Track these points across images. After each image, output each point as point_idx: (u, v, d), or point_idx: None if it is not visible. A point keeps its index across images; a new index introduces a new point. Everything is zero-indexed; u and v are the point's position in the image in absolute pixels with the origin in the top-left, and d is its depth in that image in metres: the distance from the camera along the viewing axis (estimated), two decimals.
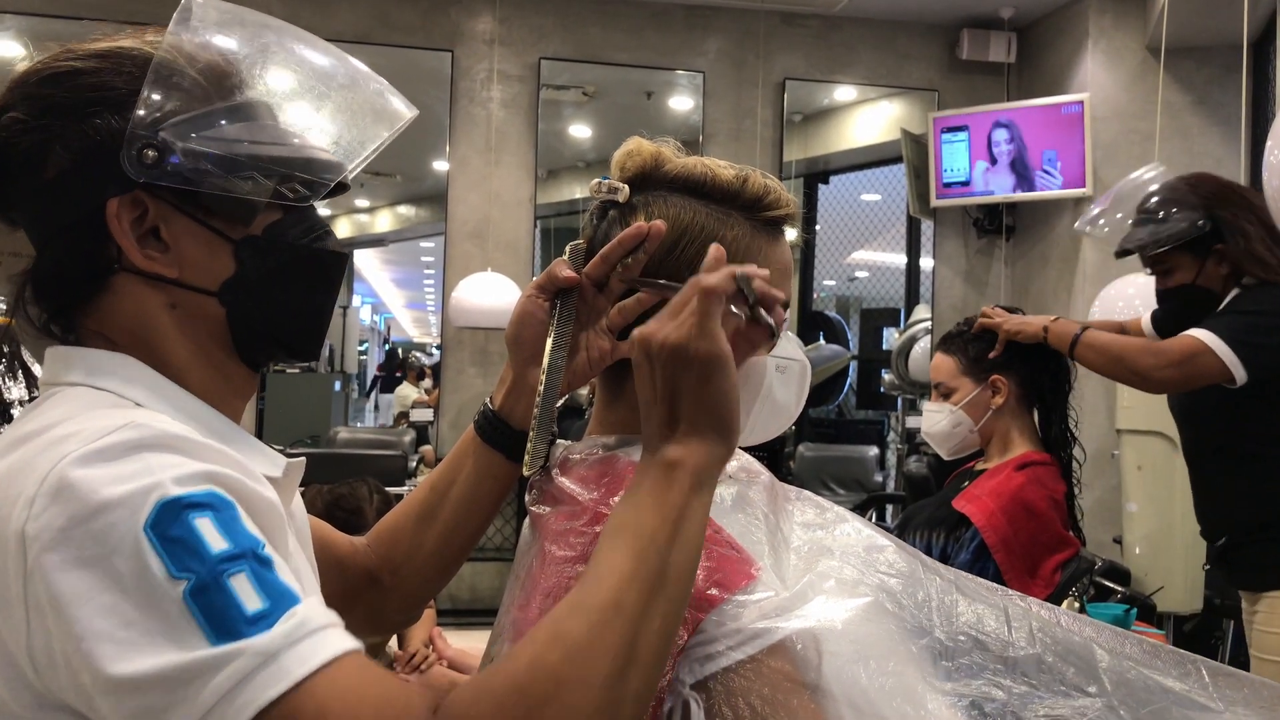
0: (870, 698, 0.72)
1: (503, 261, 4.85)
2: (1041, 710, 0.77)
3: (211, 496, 0.61)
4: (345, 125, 0.80)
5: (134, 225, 0.72)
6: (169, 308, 0.74)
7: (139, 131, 0.70)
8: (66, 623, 0.57)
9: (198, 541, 0.59)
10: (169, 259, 0.73)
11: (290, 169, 0.74)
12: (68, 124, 0.71)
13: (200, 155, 0.71)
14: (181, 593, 0.57)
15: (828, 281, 6.71)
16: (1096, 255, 4.61)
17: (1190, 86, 4.57)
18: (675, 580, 0.66)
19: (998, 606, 0.83)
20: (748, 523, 0.81)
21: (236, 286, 0.75)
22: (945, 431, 2.07)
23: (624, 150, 0.91)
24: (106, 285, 0.74)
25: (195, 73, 0.72)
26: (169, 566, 0.57)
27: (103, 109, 0.71)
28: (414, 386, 6.53)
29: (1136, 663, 0.81)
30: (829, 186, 6.09)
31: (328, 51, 0.82)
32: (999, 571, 1.81)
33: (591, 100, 5.30)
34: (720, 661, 0.70)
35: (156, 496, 0.59)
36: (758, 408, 0.89)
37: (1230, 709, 0.80)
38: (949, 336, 2.13)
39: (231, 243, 0.75)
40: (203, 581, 0.58)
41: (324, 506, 2.05)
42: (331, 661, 0.58)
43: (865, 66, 5.25)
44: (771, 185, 0.90)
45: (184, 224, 0.73)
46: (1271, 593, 2.01)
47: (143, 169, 0.70)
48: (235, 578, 0.59)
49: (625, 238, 0.85)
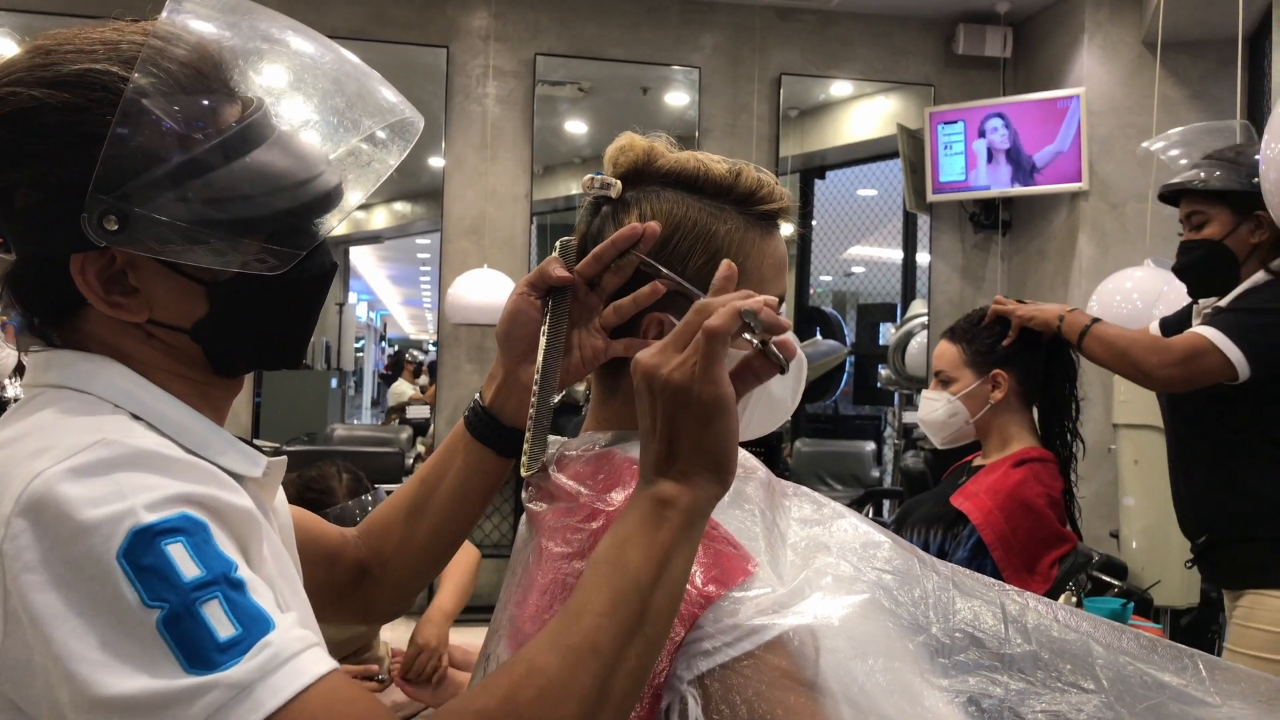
0: (868, 694, 0.72)
1: (499, 258, 4.84)
2: (1039, 706, 0.76)
3: (184, 520, 0.61)
4: (352, 160, 0.77)
5: (100, 271, 0.70)
6: (145, 337, 0.73)
7: (100, 196, 0.65)
8: (45, 641, 0.58)
9: (170, 569, 0.59)
10: (138, 302, 0.71)
11: (271, 227, 0.70)
12: (31, 169, 0.67)
13: (164, 225, 0.66)
14: (155, 621, 0.58)
15: (824, 277, 6.71)
16: (1093, 250, 4.62)
17: (1186, 81, 4.57)
18: (654, 621, 0.66)
19: (994, 603, 0.83)
20: (744, 519, 0.81)
21: (210, 324, 0.73)
22: (941, 420, 2.07)
23: (616, 146, 0.90)
24: (80, 312, 0.73)
25: (166, 113, 0.66)
26: (142, 595, 0.58)
27: (69, 153, 0.66)
28: (410, 383, 6.53)
29: (1133, 657, 0.81)
30: (825, 182, 6.09)
31: (323, 52, 0.78)
32: (997, 569, 1.81)
33: (587, 96, 5.29)
34: (717, 658, 0.70)
35: (129, 525, 0.59)
36: (754, 403, 0.89)
37: (1228, 703, 0.80)
38: (957, 326, 2.13)
39: (204, 285, 0.72)
40: (175, 611, 0.58)
41: (296, 492, 2.06)
42: (306, 689, 0.59)
43: (861, 61, 5.25)
44: (765, 180, 0.89)
45: (154, 269, 0.70)
46: (1252, 591, 2.01)
47: (105, 235, 0.66)
48: (208, 605, 0.59)
49: (619, 238, 0.85)
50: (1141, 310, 3.05)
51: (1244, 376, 1.94)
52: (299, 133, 0.74)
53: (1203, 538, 2.12)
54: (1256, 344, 1.94)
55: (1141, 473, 3.56)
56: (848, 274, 6.92)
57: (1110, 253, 4.59)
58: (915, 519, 2.01)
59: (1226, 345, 1.94)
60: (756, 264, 0.88)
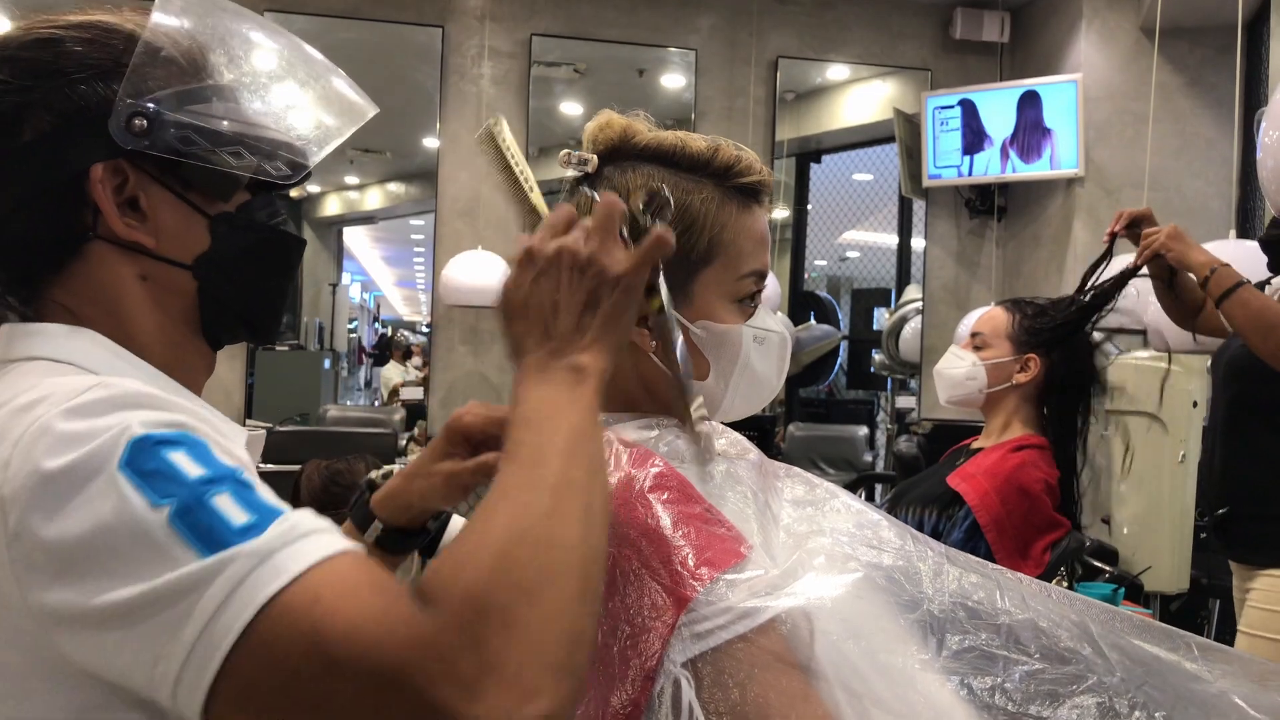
0: (861, 675, 0.72)
1: (494, 239, 4.82)
2: (1033, 683, 0.77)
3: (183, 435, 0.61)
4: (320, 113, 0.82)
5: (115, 193, 0.72)
6: (140, 279, 0.74)
7: (128, 99, 0.71)
8: (59, 570, 0.57)
9: (174, 469, 0.59)
10: (147, 229, 0.74)
11: (274, 148, 0.77)
12: (53, 87, 0.71)
13: (189, 127, 0.72)
14: (166, 518, 0.57)
15: (819, 261, 6.71)
16: (1088, 236, 4.62)
17: (1184, 68, 4.56)
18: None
19: (989, 579, 0.83)
20: (737, 500, 0.81)
21: (210, 261, 0.76)
22: (957, 379, 2.05)
23: (596, 123, 0.90)
24: (79, 253, 0.73)
25: (180, 53, 0.74)
26: (149, 496, 0.57)
27: (90, 76, 0.71)
28: (400, 366, 6.50)
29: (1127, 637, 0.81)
30: (821, 166, 6.08)
31: (294, 45, 0.84)
32: (990, 551, 1.81)
33: (583, 77, 5.26)
34: (710, 640, 0.70)
35: (127, 438, 0.59)
36: (736, 378, 0.89)
37: (1220, 680, 0.80)
38: (1021, 299, 2.09)
39: (208, 218, 0.76)
40: (185, 503, 0.57)
41: (321, 482, 2.05)
42: (328, 558, 0.57)
43: (858, 45, 5.23)
44: (744, 155, 0.90)
45: (163, 195, 0.74)
46: (1271, 570, 1.99)
47: (131, 137, 0.70)
48: (218, 497, 0.58)
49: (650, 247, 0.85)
50: (1136, 298, 3.05)
51: None
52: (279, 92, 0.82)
53: (1224, 509, 2.10)
54: None
55: (1134, 459, 3.57)
56: (842, 258, 6.92)
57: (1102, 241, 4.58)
58: (911, 499, 2.01)
59: None
60: (734, 235, 0.88)
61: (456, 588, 0.56)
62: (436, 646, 0.54)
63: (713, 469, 0.83)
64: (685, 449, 0.84)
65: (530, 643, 0.55)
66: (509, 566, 0.57)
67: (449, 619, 0.55)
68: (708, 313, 0.88)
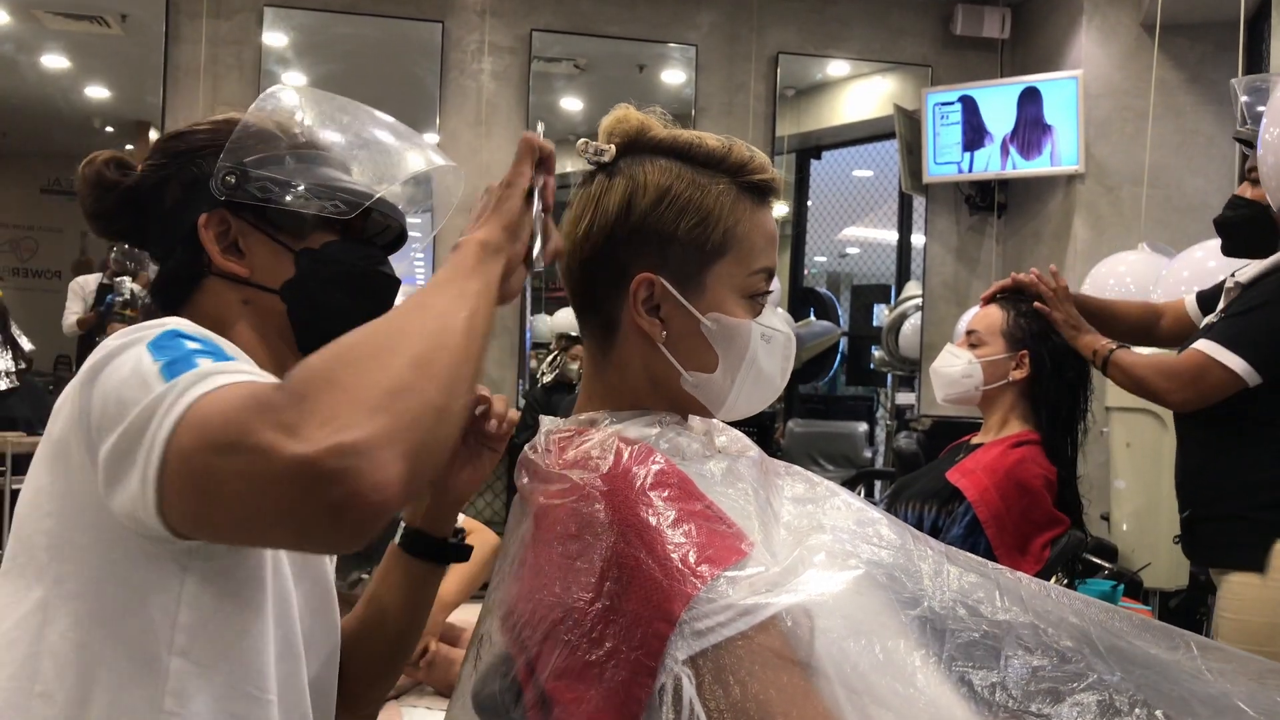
0: (861, 673, 0.72)
1: None
2: (1034, 681, 0.77)
3: (209, 343, 0.79)
4: (378, 168, 1.02)
5: (219, 237, 0.95)
6: (243, 303, 0.96)
7: (224, 164, 0.94)
8: (99, 422, 0.75)
9: (180, 345, 0.77)
10: (243, 263, 0.95)
11: (331, 193, 0.96)
12: (181, 165, 0.96)
13: (266, 179, 0.95)
14: (159, 368, 0.74)
15: (819, 258, 6.71)
16: (1088, 233, 4.62)
17: (1184, 64, 4.56)
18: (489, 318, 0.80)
19: (989, 578, 0.83)
20: (738, 497, 0.81)
21: (295, 286, 0.96)
22: (953, 377, 2.06)
23: (613, 117, 0.92)
24: (200, 285, 0.96)
25: (265, 129, 0.96)
26: (155, 355, 0.75)
27: (204, 154, 0.95)
28: None
29: (1125, 636, 0.82)
30: (821, 162, 6.07)
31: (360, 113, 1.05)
32: (990, 547, 1.82)
33: (583, 73, 5.26)
34: (711, 638, 0.70)
35: (162, 329, 0.79)
36: (743, 374, 0.90)
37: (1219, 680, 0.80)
38: (1016, 294, 2.09)
39: (293, 252, 0.96)
40: (174, 358, 0.74)
41: None
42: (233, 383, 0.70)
43: (859, 41, 5.22)
44: (756, 154, 0.92)
45: (258, 237, 0.96)
46: (1230, 574, 1.98)
47: (223, 189, 0.94)
48: (202, 358, 0.74)
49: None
50: (1135, 294, 3.05)
51: (1255, 383, 1.89)
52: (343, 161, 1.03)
53: (1187, 512, 2.11)
54: (1259, 347, 1.89)
55: (1133, 456, 3.58)
56: (842, 255, 6.92)
57: (1105, 236, 4.59)
58: (910, 494, 2.01)
59: (1227, 357, 1.89)
60: (747, 231, 0.89)
61: (301, 370, 0.67)
62: (270, 407, 0.64)
63: (713, 467, 0.84)
64: (686, 446, 0.85)
65: (348, 392, 0.64)
66: (342, 351, 0.68)
67: (287, 389, 0.66)
68: (719, 305, 0.89)
